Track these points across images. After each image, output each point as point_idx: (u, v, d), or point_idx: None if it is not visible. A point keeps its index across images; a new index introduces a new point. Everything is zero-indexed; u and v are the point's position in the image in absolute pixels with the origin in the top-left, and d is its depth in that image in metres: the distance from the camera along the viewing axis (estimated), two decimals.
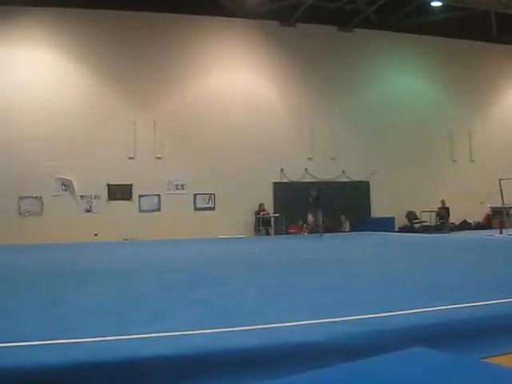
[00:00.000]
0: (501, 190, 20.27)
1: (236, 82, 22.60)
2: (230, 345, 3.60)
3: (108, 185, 20.64)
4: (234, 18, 22.22)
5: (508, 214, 23.29)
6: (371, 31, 23.88)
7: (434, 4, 22.09)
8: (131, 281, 7.45)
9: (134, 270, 8.80)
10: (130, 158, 20.86)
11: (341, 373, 3.24)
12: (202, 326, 4.08)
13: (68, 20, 20.68)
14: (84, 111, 20.65)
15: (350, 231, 22.51)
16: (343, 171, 23.37)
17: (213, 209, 21.72)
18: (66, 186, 20.29)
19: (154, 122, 21.17)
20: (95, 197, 20.52)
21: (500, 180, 20.22)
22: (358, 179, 23.56)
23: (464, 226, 24.15)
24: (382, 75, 24.50)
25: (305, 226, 22.29)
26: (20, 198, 19.94)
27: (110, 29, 21.00)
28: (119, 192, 20.73)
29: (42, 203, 20.16)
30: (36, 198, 20.07)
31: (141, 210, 20.95)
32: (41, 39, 20.65)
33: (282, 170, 22.55)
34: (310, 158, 23.05)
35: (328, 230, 21.04)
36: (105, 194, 20.69)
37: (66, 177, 20.23)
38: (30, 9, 20.20)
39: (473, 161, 25.34)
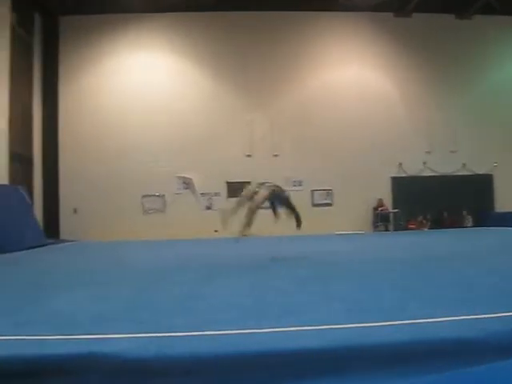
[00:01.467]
0: None
1: (350, 75, 22.31)
2: (377, 339, 3.54)
3: (227, 182, 21.06)
4: (347, 12, 21.95)
5: None
6: (492, 17, 22.79)
7: None
8: (260, 275, 7.52)
9: (260, 265, 8.88)
10: (248, 156, 21.16)
11: (495, 372, 3.10)
12: (339, 320, 4.04)
13: (187, 24, 21.44)
14: (203, 111, 21.22)
15: (472, 226, 21.66)
16: (464, 164, 22.47)
17: (331, 205, 21.59)
18: (187, 184, 20.93)
19: (271, 119, 21.36)
20: (215, 194, 21.04)
21: None
22: (480, 172, 22.57)
23: None
24: (505, 63, 23.34)
25: (424, 221, 21.71)
26: (143, 196, 20.87)
27: (225, 30, 21.43)
28: (238, 189, 21.02)
29: (165, 201, 20.96)
30: (158, 196, 20.90)
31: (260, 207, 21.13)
32: (163, 43, 21.51)
33: (400, 164, 22.04)
34: (428, 152, 22.35)
35: (450, 225, 20.42)
36: (224, 192, 21.13)
37: (186, 175, 20.86)
38: (153, 15, 21.17)
39: None
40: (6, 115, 18.13)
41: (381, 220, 21.54)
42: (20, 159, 19.15)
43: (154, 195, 20.92)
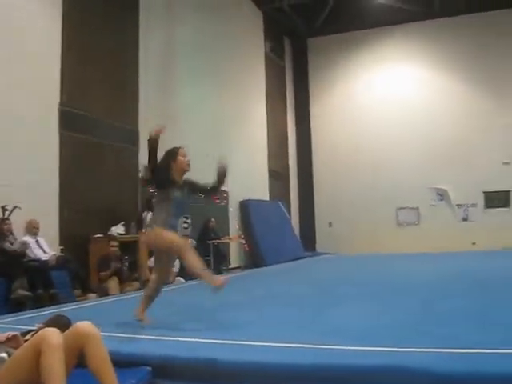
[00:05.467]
0: None
1: None
2: None
3: (484, 192, 20.12)
4: None
5: None
6: None
7: None
8: None
9: None
10: (505, 164, 19.93)
11: None
12: None
13: (433, 30, 20.96)
14: (454, 118, 20.49)
15: None
16: None
17: None
18: (442, 195, 20.43)
19: None
20: (472, 205, 20.20)
21: None
22: None
23: None
24: None
25: None
26: (397, 209, 20.84)
27: (475, 33, 20.46)
28: (496, 199, 20.04)
29: (419, 213, 20.67)
30: (412, 208, 20.67)
31: None
32: (408, 53, 21.34)
33: None
34: None
35: None
36: (481, 202, 20.24)
37: (440, 186, 20.36)
38: (395, 27, 21.26)
39: None
40: (265, 135, 19.46)
41: None
42: (277, 176, 20.31)
43: (408, 207, 20.74)
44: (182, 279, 11.10)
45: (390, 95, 21.34)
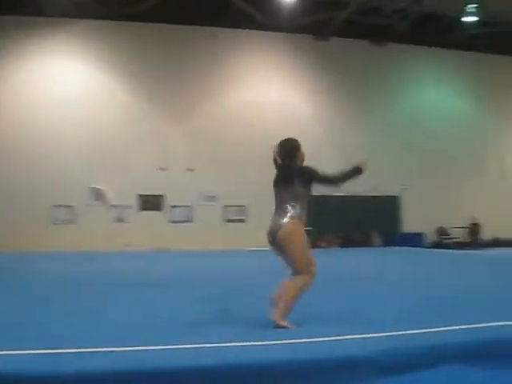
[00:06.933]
0: None
1: (268, 93, 22.41)
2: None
3: (139, 195, 20.85)
4: (267, 32, 22.19)
5: None
6: (404, 46, 23.72)
7: (466, 19, 21.84)
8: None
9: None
10: (162, 169, 20.95)
11: None
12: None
13: (101, 32, 20.99)
14: (117, 122, 20.91)
15: (379, 246, 22.30)
16: (374, 186, 22.79)
17: (244, 221, 21.65)
18: (98, 195, 20.46)
19: (187, 133, 21.35)
20: (127, 207, 20.72)
21: None
22: (388, 194, 23.13)
23: (497, 243, 23.65)
24: (415, 89, 24.38)
25: (334, 240, 22.08)
26: (52, 206, 20.17)
27: (143, 41, 21.10)
28: (150, 202, 20.89)
29: (75, 212, 20.37)
30: (68, 206, 20.29)
31: (172, 221, 21.06)
32: (75, 51, 20.98)
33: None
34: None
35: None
36: (136, 204, 20.92)
37: (98, 186, 20.43)
38: (64, 20, 20.55)
39: (506, 177, 24.91)
40: None
41: None
42: None
43: (64, 205, 20.26)
44: None
45: (56, 89, 20.57)
